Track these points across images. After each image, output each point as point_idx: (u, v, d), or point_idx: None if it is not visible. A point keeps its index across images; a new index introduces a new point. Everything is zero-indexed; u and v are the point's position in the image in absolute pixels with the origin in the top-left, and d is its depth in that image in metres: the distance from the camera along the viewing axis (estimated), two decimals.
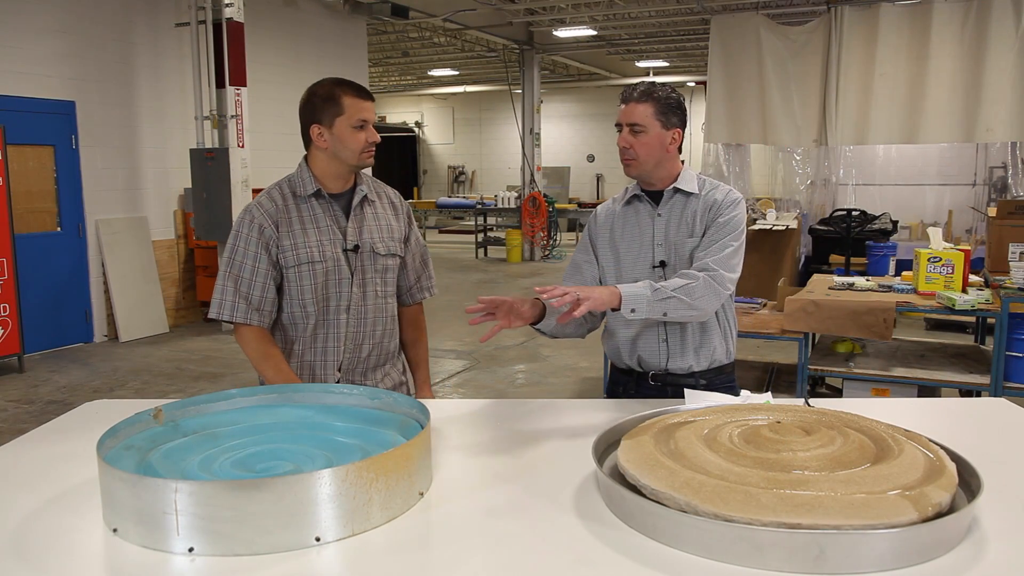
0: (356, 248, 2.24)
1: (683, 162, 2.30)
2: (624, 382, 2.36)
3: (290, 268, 2.19)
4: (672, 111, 2.19)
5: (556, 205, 15.78)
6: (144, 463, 1.53)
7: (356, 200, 2.27)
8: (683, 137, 2.24)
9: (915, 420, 1.99)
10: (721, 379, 2.32)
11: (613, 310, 1.99)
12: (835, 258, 9.16)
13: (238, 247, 2.19)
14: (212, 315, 2.21)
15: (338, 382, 2.27)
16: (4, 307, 6.49)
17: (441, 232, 20.39)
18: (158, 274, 8.41)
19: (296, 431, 1.72)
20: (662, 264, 2.25)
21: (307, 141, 2.22)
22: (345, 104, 2.14)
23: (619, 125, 2.21)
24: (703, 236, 2.21)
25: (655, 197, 2.28)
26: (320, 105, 2.16)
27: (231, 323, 2.21)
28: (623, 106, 2.20)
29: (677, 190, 2.25)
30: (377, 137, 2.21)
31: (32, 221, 7.37)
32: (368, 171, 2.37)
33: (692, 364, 2.27)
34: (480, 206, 16.75)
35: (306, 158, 2.27)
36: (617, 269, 2.32)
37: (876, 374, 4.49)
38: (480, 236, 15.93)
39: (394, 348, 2.42)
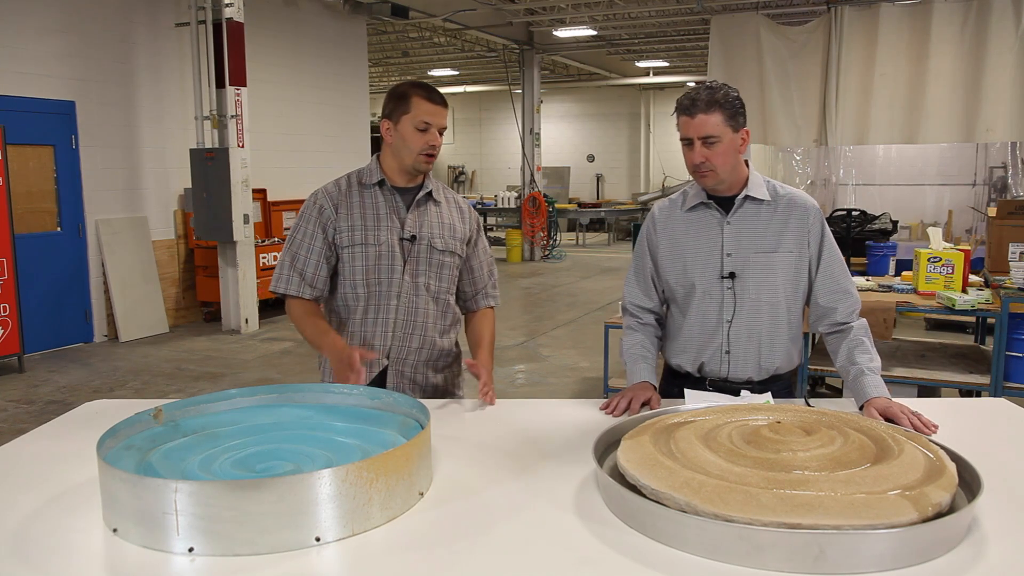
0: (413, 238, 2.30)
1: (747, 162, 2.19)
2: (680, 384, 2.28)
3: (344, 248, 2.28)
4: (738, 112, 2.09)
5: (556, 205, 15.78)
6: (144, 463, 1.53)
7: (420, 195, 2.34)
8: (749, 135, 2.14)
9: None
10: (779, 384, 2.28)
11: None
12: None
13: (299, 226, 2.31)
14: (271, 288, 2.35)
15: (385, 369, 2.31)
16: (4, 307, 6.49)
17: None
18: (158, 274, 8.40)
19: (296, 431, 1.72)
20: (731, 276, 2.17)
21: (382, 137, 2.33)
22: (413, 104, 2.22)
23: (687, 140, 2.09)
24: (817, 268, 2.18)
25: (721, 203, 2.19)
26: (393, 102, 2.26)
27: (284, 296, 2.31)
28: (687, 118, 2.07)
29: (748, 197, 2.16)
30: (438, 141, 2.26)
31: (32, 221, 7.37)
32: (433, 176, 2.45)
33: (752, 375, 2.23)
34: (480, 206, 16.76)
35: (379, 155, 2.36)
36: (684, 278, 2.23)
37: None
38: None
39: (449, 350, 2.43)
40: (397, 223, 2.30)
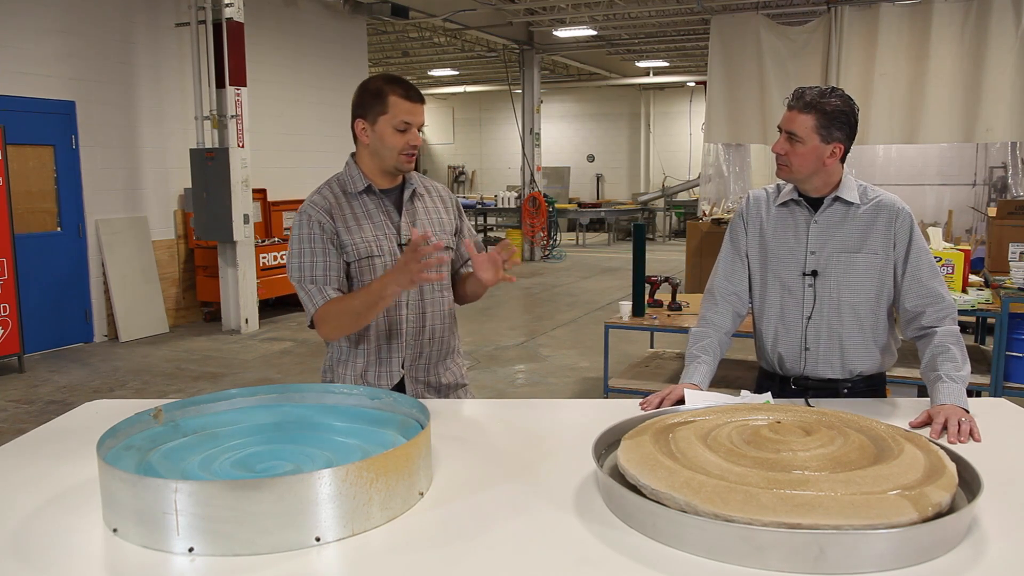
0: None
1: (843, 165, 2.19)
2: (768, 386, 2.31)
3: (351, 263, 2.18)
4: (836, 124, 2.08)
5: (556, 205, 15.78)
6: (144, 463, 1.53)
7: (407, 195, 2.26)
8: (846, 149, 2.12)
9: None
10: (866, 386, 2.27)
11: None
12: None
13: (304, 250, 2.16)
14: (310, 315, 2.17)
15: (402, 379, 2.27)
16: (4, 307, 6.49)
17: None
18: (158, 274, 8.41)
19: (296, 431, 1.72)
20: (813, 274, 2.19)
21: (354, 135, 2.21)
22: (390, 103, 2.11)
23: (779, 128, 2.14)
24: (903, 271, 2.16)
25: (811, 203, 2.21)
26: (368, 101, 2.14)
27: (319, 308, 2.14)
28: (787, 109, 2.12)
29: (837, 198, 2.18)
30: (418, 140, 2.17)
31: (32, 221, 7.37)
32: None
33: (834, 375, 2.23)
34: (480, 206, 16.77)
35: (353, 155, 2.25)
36: (763, 272, 2.27)
37: None
38: (480, 236, 15.93)
39: (454, 344, 2.40)
40: (392, 229, 2.22)
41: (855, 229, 2.18)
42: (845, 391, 2.26)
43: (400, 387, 2.28)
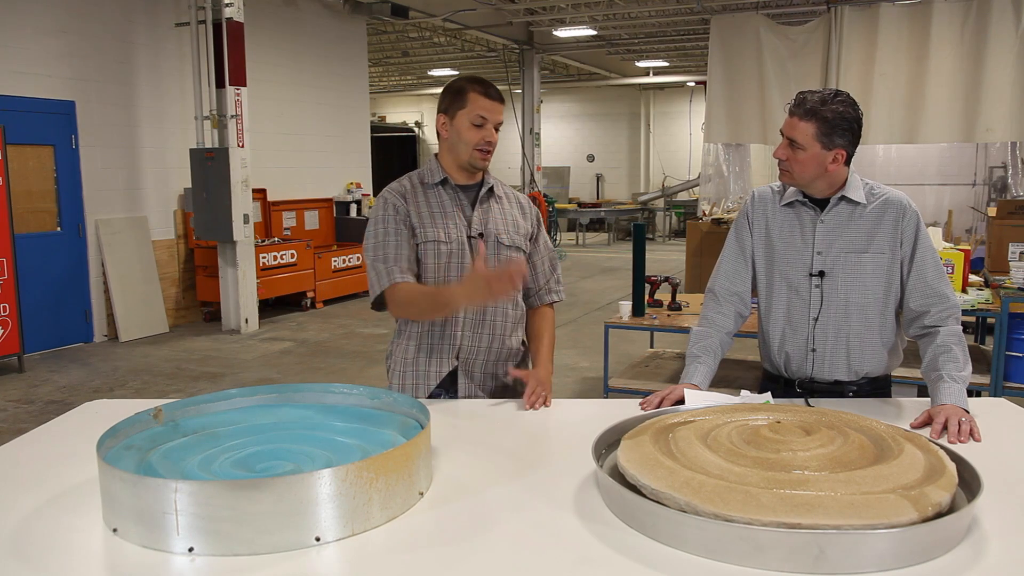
0: (481, 235, 2.27)
1: (848, 166, 2.16)
2: (771, 389, 2.28)
3: (418, 244, 2.25)
4: (838, 131, 2.05)
5: (556, 205, 15.79)
6: (144, 463, 1.53)
7: (483, 191, 2.32)
8: (849, 155, 2.10)
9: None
10: (871, 389, 2.26)
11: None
12: None
13: (379, 230, 2.24)
14: (375, 294, 2.21)
15: (454, 370, 2.27)
16: (4, 307, 6.49)
17: None
18: (158, 274, 8.41)
19: (296, 431, 1.72)
20: (820, 274, 2.17)
21: (437, 133, 2.31)
22: (469, 99, 2.21)
23: (782, 132, 2.12)
24: (909, 271, 2.15)
25: (816, 203, 2.20)
26: (450, 97, 2.25)
27: (389, 288, 2.17)
28: (788, 115, 2.10)
29: (843, 198, 2.16)
30: (494, 137, 2.23)
31: (32, 221, 7.36)
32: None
33: (841, 376, 2.23)
34: None
35: (436, 154, 2.35)
36: (769, 272, 2.25)
37: None
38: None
39: (517, 349, 2.38)
40: (464, 220, 2.27)
41: (862, 229, 2.16)
42: (850, 394, 2.24)
43: (452, 380, 2.27)
